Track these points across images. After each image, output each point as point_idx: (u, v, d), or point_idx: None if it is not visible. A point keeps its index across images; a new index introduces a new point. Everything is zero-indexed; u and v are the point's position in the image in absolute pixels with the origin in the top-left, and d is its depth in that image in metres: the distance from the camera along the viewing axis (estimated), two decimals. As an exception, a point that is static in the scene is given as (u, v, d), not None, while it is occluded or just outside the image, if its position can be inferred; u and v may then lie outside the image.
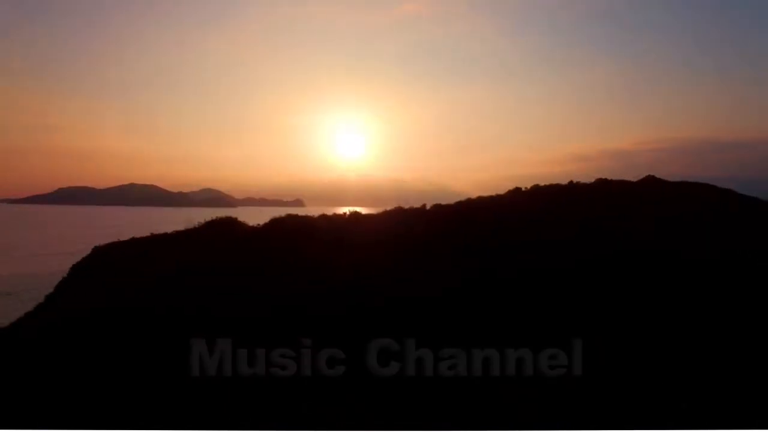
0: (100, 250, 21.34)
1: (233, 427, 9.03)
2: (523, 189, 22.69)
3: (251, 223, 20.16)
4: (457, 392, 9.30)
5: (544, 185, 23.08)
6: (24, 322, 17.01)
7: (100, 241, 22.49)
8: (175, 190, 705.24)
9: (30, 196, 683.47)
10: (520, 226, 17.51)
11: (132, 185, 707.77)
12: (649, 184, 23.36)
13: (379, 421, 9.01)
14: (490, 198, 21.85)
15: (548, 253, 14.96)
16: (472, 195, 22.53)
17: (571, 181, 23.40)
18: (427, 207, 20.97)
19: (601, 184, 23.02)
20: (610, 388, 9.46)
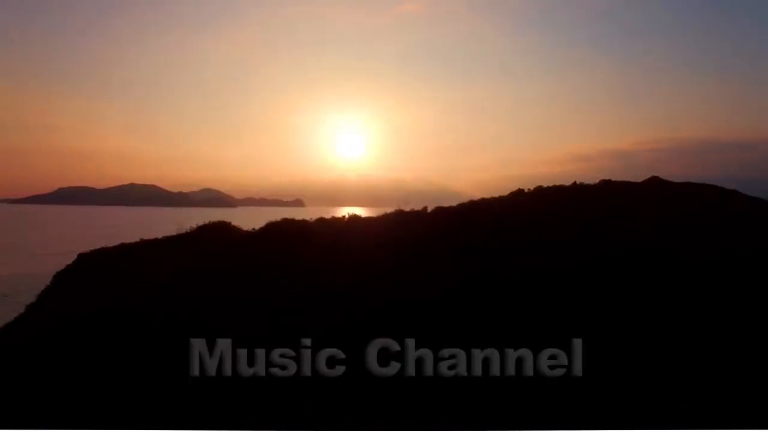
0: (84, 257, 20.38)
1: (233, 427, 9.04)
2: (526, 190, 22.51)
3: (251, 223, 20.11)
4: (457, 392, 9.30)
5: (547, 186, 22.86)
6: (11, 327, 16.61)
7: (100, 242, 22.28)
8: (175, 190, 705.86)
9: (30, 196, 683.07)
10: (521, 227, 17.46)
11: (132, 185, 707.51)
12: (653, 185, 23.21)
13: (379, 421, 9.02)
14: (492, 199, 21.68)
15: (549, 254, 14.95)
16: (472, 195, 22.41)
17: (575, 182, 23.20)
18: (428, 210, 20.65)
19: (605, 185, 22.81)
20: (610, 388, 9.46)
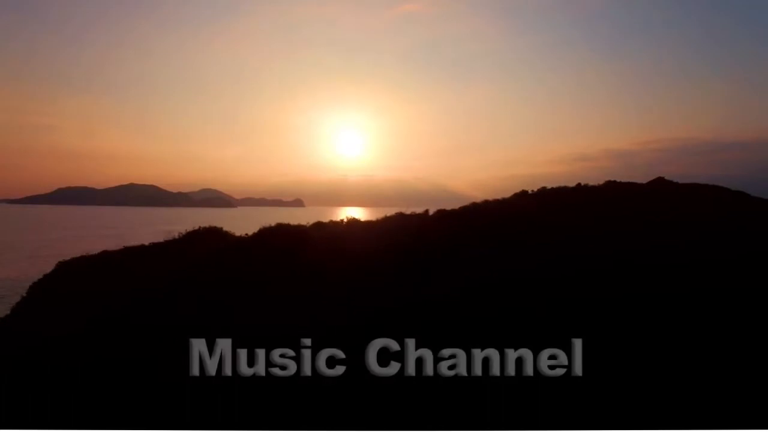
0: (64, 265, 19.18)
1: (233, 427, 9.03)
2: (529, 192, 22.25)
3: (251, 223, 19.95)
4: (457, 392, 9.30)
5: (550, 188, 22.51)
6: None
7: (100, 242, 22.18)
8: (175, 190, 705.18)
9: (29, 196, 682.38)
10: (523, 229, 17.39)
11: (132, 185, 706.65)
12: (659, 186, 22.97)
13: (379, 421, 9.02)
14: (495, 201, 21.39)
15: (550, 254, 14.95)
16: (473, 195, 22.28)
17: (579, 184, 22.77)
18: (430, 213, 20.21)
19: (610, 187, 22.47)
20: (610, 388, 9.47)
